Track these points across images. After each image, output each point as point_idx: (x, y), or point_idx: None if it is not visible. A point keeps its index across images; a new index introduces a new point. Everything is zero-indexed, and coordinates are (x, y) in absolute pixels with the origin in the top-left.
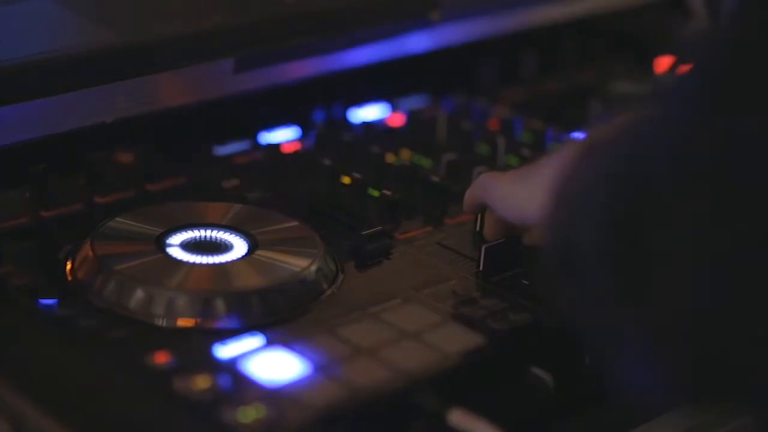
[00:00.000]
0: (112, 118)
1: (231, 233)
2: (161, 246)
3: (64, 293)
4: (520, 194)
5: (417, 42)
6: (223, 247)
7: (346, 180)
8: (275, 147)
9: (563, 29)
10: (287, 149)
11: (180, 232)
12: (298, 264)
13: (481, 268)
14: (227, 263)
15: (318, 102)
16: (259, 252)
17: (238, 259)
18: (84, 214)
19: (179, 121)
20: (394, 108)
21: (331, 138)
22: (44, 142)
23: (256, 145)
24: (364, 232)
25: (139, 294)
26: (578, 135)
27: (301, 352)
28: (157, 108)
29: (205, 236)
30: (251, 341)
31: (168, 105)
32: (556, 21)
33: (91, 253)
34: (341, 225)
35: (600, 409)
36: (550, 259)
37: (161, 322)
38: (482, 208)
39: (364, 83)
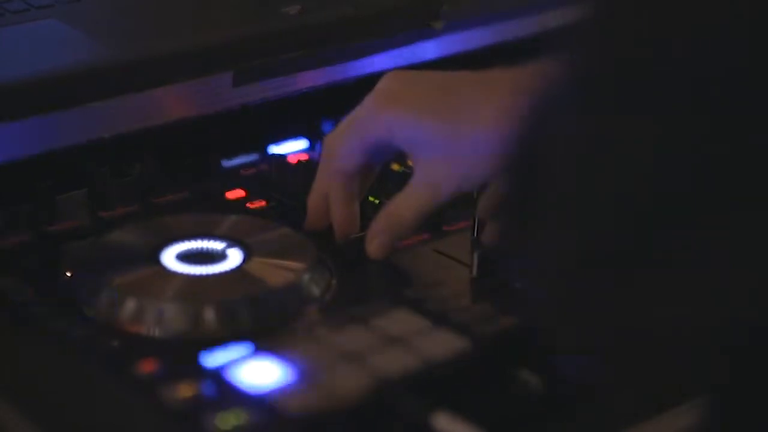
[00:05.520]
0: (113, 133)
1: (227, 243)
2: (156, 258)
3: (62, 305)
4: None
5: (422, 51)
6: (218, 258)
7: None
8: (282, 158)
9: None
10: (293, 160)
11: (176, 244)
12: (289, 272)
13: (474, 274)
14: (220, 273)
15: (326, 113)
16: (252, 261)
17: (232, 269)
18: (89, 229)
19: (186, 135)
20: None
21: None
22: (48, 158)
23: (264, 157)
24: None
25: (131, 305)
26: None
27: (287, 359)
28: (162, 122)
29: (201, 247)
30: (238, 349)
31: (173, 119)
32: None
33: (87, 266)
34: None
35: (588, 412)
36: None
37: (152, 333)
38: None
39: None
